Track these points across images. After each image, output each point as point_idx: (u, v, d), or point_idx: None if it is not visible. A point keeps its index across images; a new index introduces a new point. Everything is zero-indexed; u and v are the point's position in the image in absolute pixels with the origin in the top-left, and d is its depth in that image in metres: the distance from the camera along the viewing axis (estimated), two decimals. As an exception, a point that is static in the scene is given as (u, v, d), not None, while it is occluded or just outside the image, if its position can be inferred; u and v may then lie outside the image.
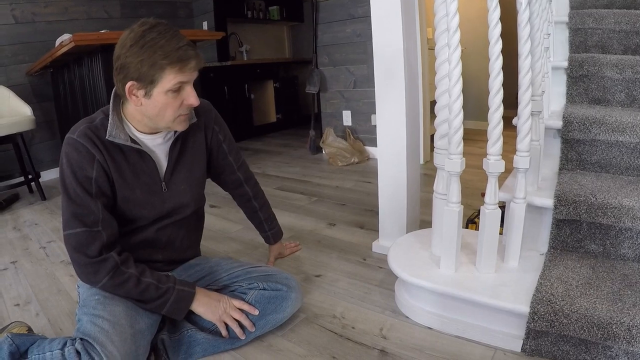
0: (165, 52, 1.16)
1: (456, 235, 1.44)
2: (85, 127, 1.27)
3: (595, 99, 1.86)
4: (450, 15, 1.29)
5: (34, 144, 4.08)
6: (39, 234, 2.67)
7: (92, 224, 1.23)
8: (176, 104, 1.24)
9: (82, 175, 1.24)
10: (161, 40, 1.16)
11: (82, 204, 1.23)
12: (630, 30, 1.92)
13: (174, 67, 1.17)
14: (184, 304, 1.34)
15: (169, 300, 1.31)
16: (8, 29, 3.88)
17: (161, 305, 1.30)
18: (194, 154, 1.47)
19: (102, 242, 1.24)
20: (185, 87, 1.24)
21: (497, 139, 1.32)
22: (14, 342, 1.20)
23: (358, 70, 4.00)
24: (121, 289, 1.26)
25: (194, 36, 3.71)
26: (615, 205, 1.38)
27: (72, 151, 1.24)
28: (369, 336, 1.47)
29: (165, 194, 1.40)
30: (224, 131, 1.57)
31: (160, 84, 1.19)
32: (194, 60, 1.20)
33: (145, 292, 1.27)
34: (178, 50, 1.17)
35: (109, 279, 1.24)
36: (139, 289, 1.26)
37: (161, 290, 1.29)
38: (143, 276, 1.28)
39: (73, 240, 1.23)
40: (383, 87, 1.90)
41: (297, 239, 2.27)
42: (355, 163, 3.87)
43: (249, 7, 5.77)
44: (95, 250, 1.22)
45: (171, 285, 1.32)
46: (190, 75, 1.23)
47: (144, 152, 1.34)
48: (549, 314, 1.23)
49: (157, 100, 1.22)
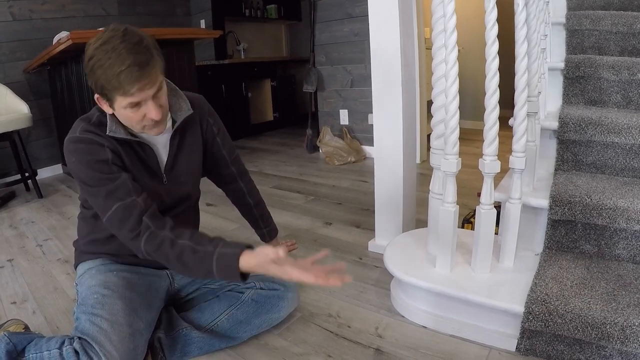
0: (107, 77, 1.11)
1: (452, 234, 1.44)
2: (83, 124, 1.26)
3: (592, 100, 1.87)
4: (448, 16, 1.29)
5: (31, 141, 4.07)
6: (36, 231, 2.66)
7: (124, 195, 1.20)
8: (138, 117, 1.19)
9: (97, 160, 1.21)
10: (106, 63, 1.10)
11: (107, 182, 1.20)
12: (627, 32, 1.93)
13: (117, 92, 1.13)
14: (230, 271, 1.16)
15: (212, 268, 1.16)
16: (5, 26, 3.87)
17: (208, 271, 1.17)
18: (192, 146, 1.47)
19: (140, 210, 1.20)
20: (145, 102, 1.18)
21: (493, 139, 1.33)
22: (11, 340, 1.20)
23: (355, 70, 4.00)
24: (161, 254, 1.19)
25: (192, 34, 3.71)
26: (610, 206, 1.39)
27: (79, 146, 1.22)
28: (365, 335, 1.48)
29: (166, 186, 1.40)
30: (218, 124, 1.56)
31: (115, 101, 1.16)
32: (136, 83, 1.11)
33: (182, 255, 1.17)
34: (119, 75, 1.09)
35: (145, 244, 1.19)
36: (175, 252, 1.17)
37: (199, 255, 1.17)
38: (179, 238, 1.19)
39: (114, 219, 1.20)
40: (380, 87, 1.90)
41: (293, 238, 2.27)
42: (352, 162, 3.87)
43: (247, 5, 5.77)
44: (135, 221, 1.19)
45: (210, 249, 1.18)
46: (140, 95, 1.14)
47: (145, 144, 1.33)
48: (544, 314, 1.24)
49: (120, 113, 1.20)
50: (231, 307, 1.43)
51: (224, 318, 1.42)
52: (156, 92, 1.19)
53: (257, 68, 5.56)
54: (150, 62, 1.14)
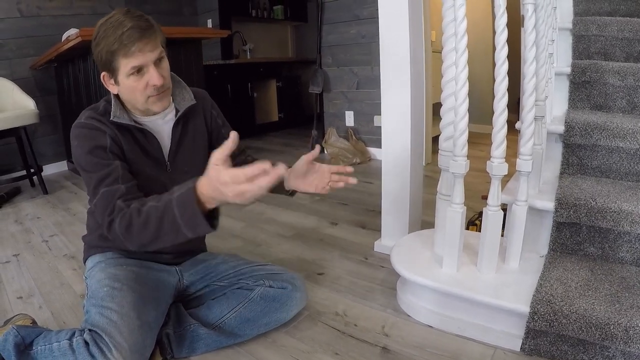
0: (110, 43, 1.19)
1: (459, 235, 1.46)
2: (90, 112, 1.32)
3: (597, 105, 1.88)
4: (459, 20, 1.31)
5: (37, 137, 4.10)
6: (41, 227, 2.68)
7: (112, 182, 1.22)
8: (141, 86, 1.25)
9: (96, 145, 1.25)
10: (109, 30, 1.20)
11: (101, 169, 1.23)
12: (633, 38, 1.94)
13: (120, 53, 1.20)
14: (190, 207, 1.06)
15: (175, 214, 1.08)
16: (13, 22, 3.89)
17: (173, 222, 1.09)
18: (195, 136, 1.48)
19: (119, 194, 1.20)
20: (147, 68, 1.24)
21: (501, 141, 1.34)
22: (19, 333, 1.21)
23: (362, 71, 4.01)
24: (133, 231, 1.14)
25: (200, 34, 3.73)
26: (614, 209, 1.41)
27: (82, 130, 1.28)
28: (371, 334, 1.49)
29: (169, 174, 1.42)
30: (222, 117, 1.58)
31: (119, 70, 1.23)
32: (136, 42, 1.19)
33: (150, 218, 1.12)
34: (121, 36, 1.18)
35: (118, 225, 1.16)
36: (142, 218, 1.13)
37: (160, 208, 1.11)
38: (143, 205, 1.15)
39: (99, 206, 1.21)
40: (389, 89, 1.92)
41: (299, 237, 2.30)
42: (357, 163, 3.88)
43: (254, 5, 5.79)
44: (112, 205, 1.18)
45: (168, 197, 1.11)
46: (142, 57, 1.22)
47: (148, 132, 1.37)
48: (549, 314, 1.26)
49: (124, 85, 1.26)
50: (239, 305, 1.44)
51: (231, 316, 1.43)
52: (157, 59, 1.26)
53: (263, 68, 5.58)
54: (150, 28, 1.23)
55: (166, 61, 1.31)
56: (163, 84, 1.28)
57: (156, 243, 1.15)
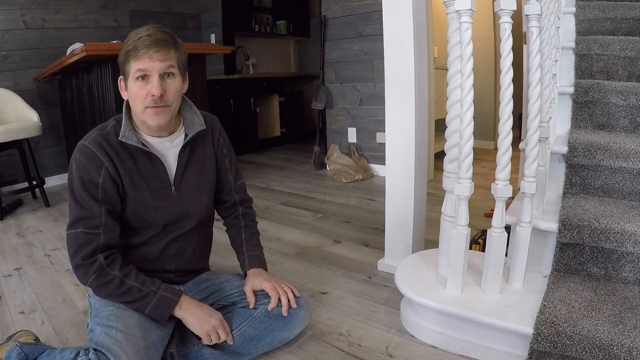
0: (128, 44, 1.26)
1: (463, 257, 1.46)
2: (96, 135, 1.32)
3: (600, 124, 1.90)
4: (465, 44, 1.32)
5: (39, 149, 4.10)
6: (43, 241, 2.68)
7: (93, 227, 1.27)
8: (142, 94, 1.27)
9: (89, 180, 1.28)
10: (133, 35, 1.27)
11: (87, 208, 1.27)
12: (635, 57, 1.96)
13: (131, 55, 1.25)
14: (164, 309, 1.31)
15: (149, 304, 1.29)
16: (18, 34, 3.92)
17: (142, 307, 1.30)
18: (203, 161, 1.49)
19: (98, 244, 1.27)
20: (151, 78, 1.26)
21: (505, 164, 1.35)
22: (22, 350, 1.21)
23: (364, 88, 4.03)
24: (105, 290, 1.28)
25: (204, 50, 3.76)
26: (617, 230, 1.41)
27: (81, 156, 1.29)
28: (375, 354, 1.48)
29: (174, 197, 1.42)
30: (228, 146, 1.59)
31: (129, 73, 1.28)
32: (147, 48, 1.24)
33: (127, 294, 1.28)
34: (137, 40, 1.24)
35: (94, 279, 1.26)
36: (121, 290, 1.27)
37: (142, 293, 1.29)
38: (127, 278, 1.29)
39: (72, 240, 1.27)
40: (393, 105, 1.93)
41: (303, 255, 2.29)
42: (360, 180, 3.87)
43: (257, 21, 5.84)
44: (89, 252, 1.26)
45: (154, 289, 1.32)
46: (149, 63, 1.25)
47: (154, 156, 1.37)
48: (552, 335, 1.25)
49: (130, 90, 1.30)
50: (243, 324, 1.44)
51: (235, 334, 1.42)
52: (165, 72, 1.28)
53: (265, 83, 5.61)
54: (167, 41, 1.28)
55: (176, 80, 1.32)
56: (163, 98, 1.28)
57: (116, 300, 1.31)
